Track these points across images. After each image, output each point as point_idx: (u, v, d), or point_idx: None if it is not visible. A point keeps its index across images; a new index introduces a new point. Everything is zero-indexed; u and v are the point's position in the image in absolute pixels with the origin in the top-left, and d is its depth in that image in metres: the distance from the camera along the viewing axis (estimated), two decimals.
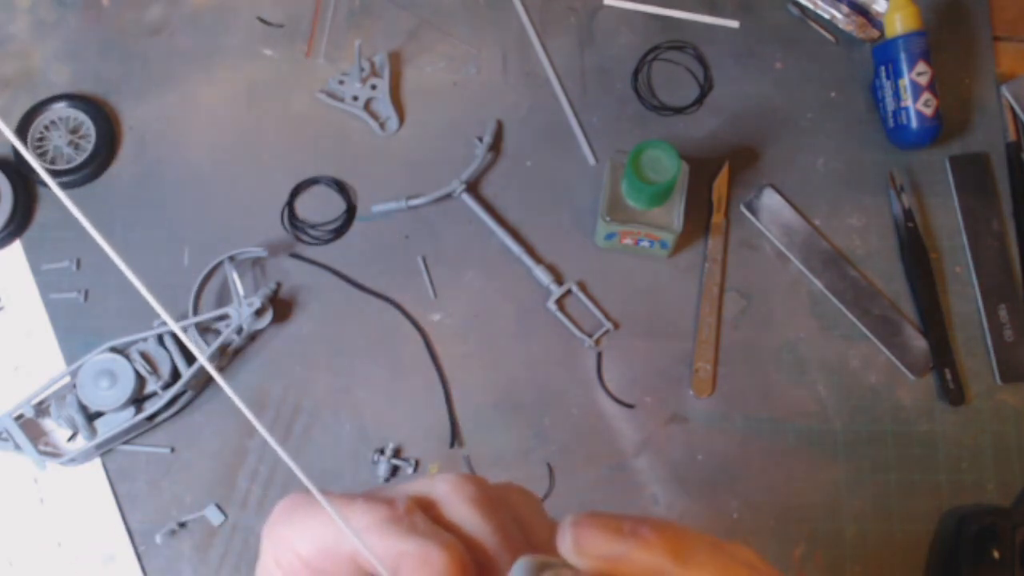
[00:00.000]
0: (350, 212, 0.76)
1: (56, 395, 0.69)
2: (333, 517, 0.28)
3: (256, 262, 0.74)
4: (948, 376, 0.71)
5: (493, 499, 0.31)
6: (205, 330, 0.71)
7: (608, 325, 0.73)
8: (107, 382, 0.67)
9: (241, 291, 0.71)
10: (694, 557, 0.29)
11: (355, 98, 0.78)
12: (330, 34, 0.80)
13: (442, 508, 0.30)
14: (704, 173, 0.75)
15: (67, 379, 0.70)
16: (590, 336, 0.72)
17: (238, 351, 0.72)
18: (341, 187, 0.76)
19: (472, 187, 0.76)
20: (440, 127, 0.78)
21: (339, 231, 0.75)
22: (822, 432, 0.71)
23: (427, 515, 0.30)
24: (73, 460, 0.69)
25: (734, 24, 0.80)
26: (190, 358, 0.69)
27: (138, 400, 0.69)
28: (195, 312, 0.72)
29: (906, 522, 0.69)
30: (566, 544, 0.29)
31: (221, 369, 0.72)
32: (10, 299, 0.74)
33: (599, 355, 0.72)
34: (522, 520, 0.31)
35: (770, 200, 0.75)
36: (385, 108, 0.78)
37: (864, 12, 0.78)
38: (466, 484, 0.31)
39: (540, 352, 0.73)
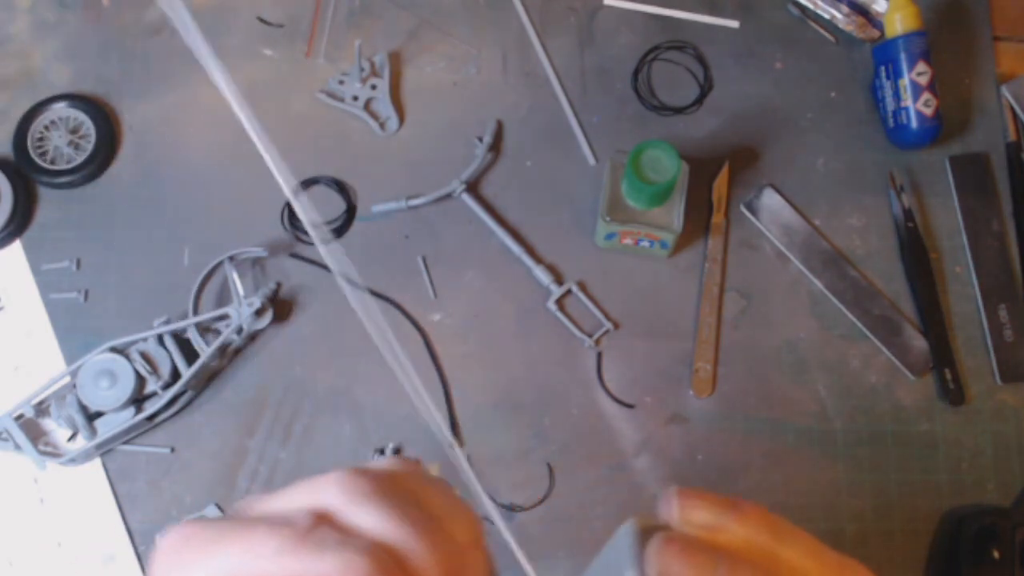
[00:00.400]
0: (350, 212, 0.76)
1: (56, 395, 0.69)
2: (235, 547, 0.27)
3: (256, 262, 0.74)
4: (948, 376, 0.71)
5: (385, 487, 0.30)
6: (205, 330, 0.71)
7: (608, 325, 0.73)
8: (107, 382, 0.67)
9: (241, 291, 0.71)
10: (789, 536, 0.31)
11: (355, 98, 0.78)
12: (330, 34, 0.80)
13: (340, 514, 0.29)
14: (704, 173, 0.75)
15: (67, 379, 0.70)
16: (590, 336, 0.72)
17: (238, 351, 0.72)
18: (341, 187, 0.76)
19: (472, 187, 0.76)
20: (440, 127, 0.78)
21: (339, 231, 0.75)
22: (822, 432, 0.71)
23: (330, 525, 0.28)
24: (73, 460, 0.69)
25: (734, 24, 0.80)
26: (190, 358, 0.69)
27: (138, 400, 0.69)
28: (195, 312, 0.72)
29: (906, 522, 0.69)
30: (672, 512, 0.30)
31: (221, 369, 0.72)
32: (10, 299, 0.74)
33: (599, 355, 0.72)
34: (417, 496, 0.31)
35: (770, 200, 0.75)
36: (385, 108, 0.78)
37: (864, 12, 0.78)
38: (355, 480, 0.29)
39: (540, 352, 0.73)
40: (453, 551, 0.29)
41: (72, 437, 0.70)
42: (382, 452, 0.70)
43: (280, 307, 0.73)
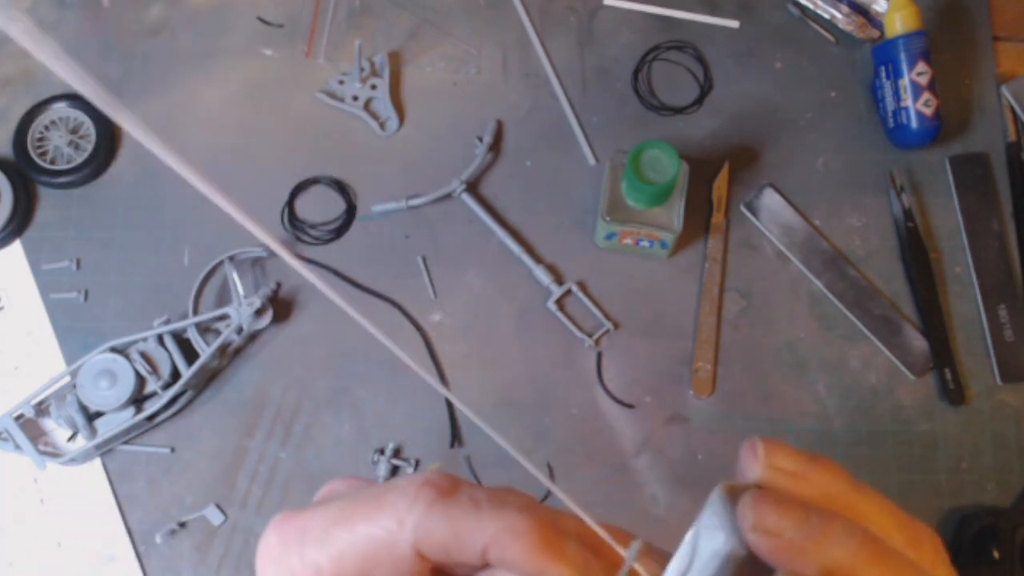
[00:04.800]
0: (350, 212, 0.76)
1: (56, 395, 0.69)
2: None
3: (256, 262, 0.74)
4: (948, 376, 0.71)
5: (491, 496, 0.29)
6: (205, 330, 0.71)
7: (608, 325, 0.73)
8: (107, 382, 0.67)
9: (241, 291, 0.71)
10: (866, 490, 0.31)
11: (355, 98, 0.78)
12: (330, 34, 0.80)
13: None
14: (704, 173, 0.75)
15: (67, 379, 0.70)
16: (590, 336, 0.72)
17: (238, 351, 0.72)
18: (341, 187, 0.76)
19: (472, 187, 0.76)
20: (440, 127, 0.78)
21: (339, 231, 0.75)
22: (822, 432, 0.71)
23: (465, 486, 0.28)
24: (73, 460, 0.69)
25: (734, 24, 0.80)
26: (190, 358, 0.69)
27: (138, 400, 0.69)
28: (195, 312, 0.72)
29: None
30: (758, 456, 0.31)
31: (221, 369, 0.72)
32: (10, 299, 0.74)
33: (599, 355, 0.72)
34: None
35: (770, 200, 0.75)
36: (385, 108, 0.78)
37: (864, 12, 0.78)
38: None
39: (540, 352, 0.73)
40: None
41: (72, 437, 0.70)
42: (382, 452, 0.70)
43: (280, 307, 0.73)
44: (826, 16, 0.79)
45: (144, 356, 0.69)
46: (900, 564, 0.29)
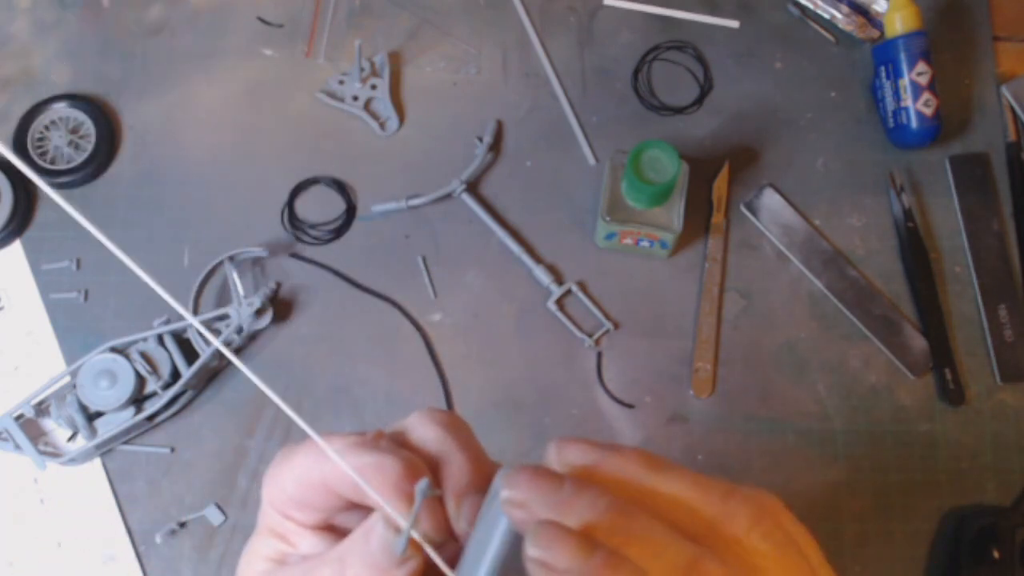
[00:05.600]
0: (350, 212, 0.76)
1: (56, 395, 0.69)
2: (314, 438, 0.32)
3: (256, 262, 0.74)
4: (948, 376, 0.71)
5: (456, 422, 0.35)
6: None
7: (608, 325, 0.73)
8: (107, 382, 0.67)
9: (241, 291, 0.71)
10: (669, 469, 0.31)
11: (355, 98, 0.78)
12: (330, 34, 0.80)
13: (409, 433, 0.34)
14: (704, 173, 0.75)
15: (67, 379, 0.70)
16: (590, 336, 0.72)
17: (238, 351, 0.72)
18: (341, 187, 0.76)
19: (472, 187, 0.76)
20: (440, 127, 0.78)
21: (339, 231, 0.75)
22: (822, 432, 0.71)
23: (388, 437, 0.34)
24: (73, 460, 0.69)
25: (734, 24, 0.80)
26: (190, 358, 0.69)
27: (138, 400, 0.69)
28: (195, 312, 0.72)
29: (906, 522, 0.69)
30: (550, 455, 0.33)
31: (221, 369, 0.72)
32: (10, 299, 0.74)
33: (599, 355, 0.72)
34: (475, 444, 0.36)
35: (770, 200, 0.75)
36: (385, 108, 0.78)
37: (864, 12, 0.78)
38: (432, 411, 0.35)
39: (540, 352, 0.73)
40: (485, 462, 0.34)
41: (72, 437, 0.70)
42: None
43: (280, 307, 0.73)
44: (826, 16, 0.79)
45: (144, 356, 0.69)
46: (648, 526, 0.29)
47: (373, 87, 0.78)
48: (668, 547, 0.29)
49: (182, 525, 0.69)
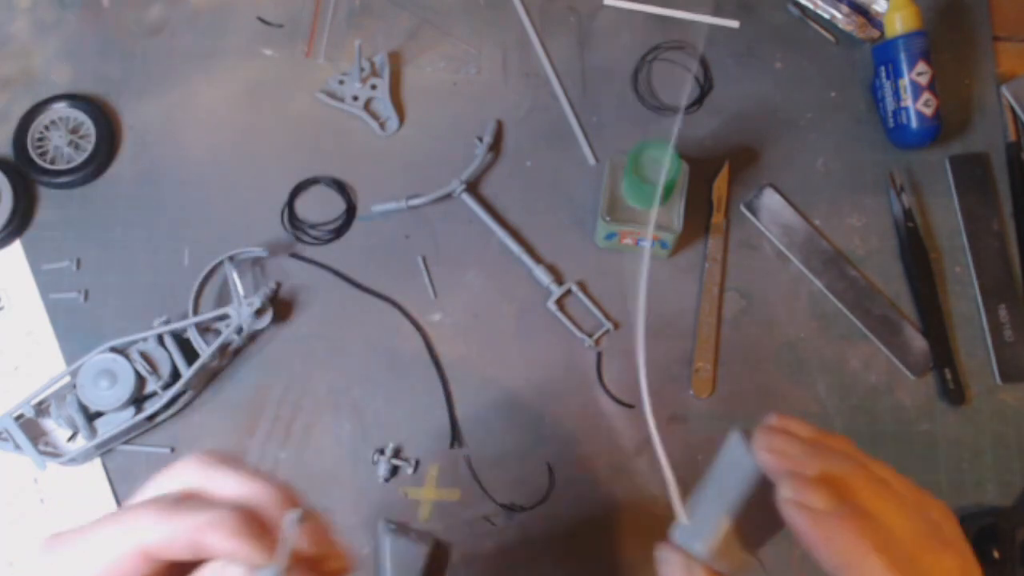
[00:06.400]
0: (350, 212, 0.76)
1: (56, 395, 0.69)
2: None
3: (256, 262, 0.74)
4: (948, 376, 0.71)
5: (227, 458, 0.37)
6: (205, 330, 0.71)
7: (608, 325, 0.73)
8: (107, 382, 0.67)
9: (241, 291, 0.71)
10: (873, 459, 0.42)
11: (355, 98, 0.78)
12: (330, 34, 0.80)
13: (202, 489, 0.36)
14: (704, 173, 0.76)
15: (67, 379, 0.70)
16: (590, 336, 0.72)
17: (238, 351, 0.72)
18: (341, 187, 0.76)
19: (472, 187, 0.76)
20: (440, 127, 0.78)
21: (339, 231, 0.75)
22: None
23: (196, 496, 0.35)
24: (73, 460, 0.69)
25: (734, 24, 0.80)
26: (190, 358, 0.69)
27: (138, 400, 0.69)
28: (195, 312, 0.72)
29: None
30: (772, 421, 0.44)
31: (221, 369, 0.72)
32: (10, 299, 0.74)
33: (599, 355, 0.72)
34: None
35: (770, 200, 0.75)
36: (385, 108, 0.78)
37: (864, 12, 0.79)
38: (201, 456, 0.36)
39: (540, 352, 0.73)
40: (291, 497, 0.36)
41: (72, 437, 0.70)
42: (382, 452, 0.70)
43: (280, 307, 0.73)
44: (826, 16, 0.79)
45: (144, 356, 0.69)
46: (888, 491, 0.38)
47: (373, 87, 0.78)
48: (908, 513, 0.38)
49: None
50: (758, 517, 0.41)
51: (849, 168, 0.76)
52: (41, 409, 0.70)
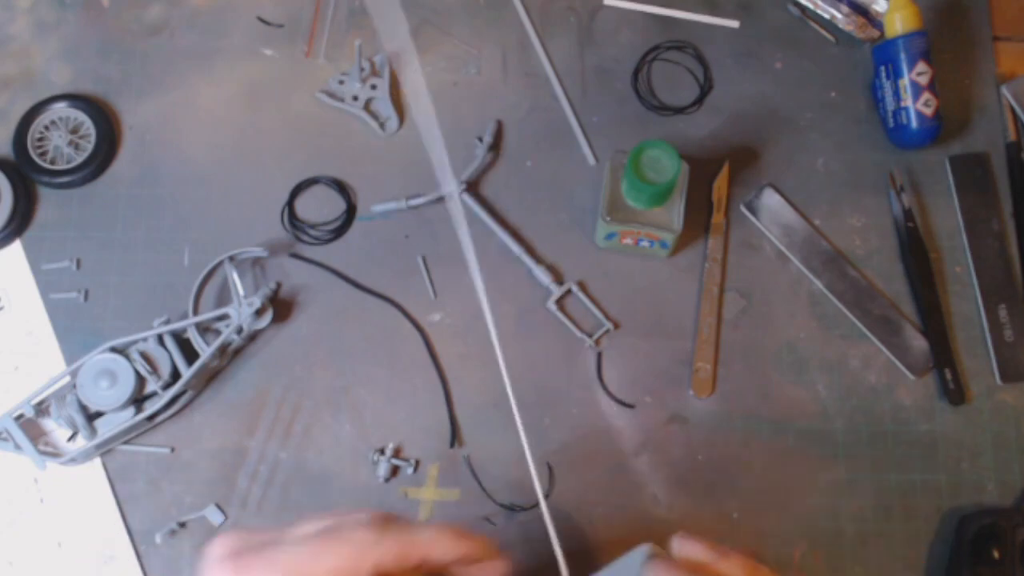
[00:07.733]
0: (350, 212, 0.76)
1: (56, 395, 0.69)
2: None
3: (256, 262, 0.74)
4: (948, 376, 0.71)
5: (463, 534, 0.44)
6: (205, 330, 0.71)
7: (608, 325, 0.73)
8: (107, 382, 0.67)
9: (241, 291, 0.71)
10: None
11: (355, 98, 0.78)
12: (330, 34, 0.80)
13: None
14: (704, 173, 0.76)
15: (67, 379, 0.70)
16: (590, 336, 0.72)
17: (238, 351, 0.72)
18: (341, 187, 0.76)
19: (472, 187, 0.76)
20: (440, 127, 0.78)
21: (339, 231, 0.75)
22: (822, 432, 0.71)
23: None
24: (73, 460, 0.69)
25: (734, 24, 0.80)
26: (190, 358, 0.69)
27: (138, 400, 0.69)
28: (195, 312, 0.72)
29: (906, 522, 0.69)
30: (672, 547, 0.46)
31: (221, 369, 0.72)
32: (10, 299, 0.74)
33: (599, 355, 0.72)
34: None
35: (770, 200, 0.75)
36: (385, 108, 0.78)
37: (864, 12, 0.78)
38: (450, 531, 0.44)
39: (540, 352, 0.73)
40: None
41: (72, 437, 0.70)
42: (382, 452, 0.70)
43: (280, 307, 0.73)
44: (826, 16, 0.79)
45: (144, 356, 0.69)
46: None
47: (373, 87, 0.78)
48: None
49: (182, 525, 0.69)
50: None
51: (849, 168, 0.76)
52: (41, 409, 0.70)
